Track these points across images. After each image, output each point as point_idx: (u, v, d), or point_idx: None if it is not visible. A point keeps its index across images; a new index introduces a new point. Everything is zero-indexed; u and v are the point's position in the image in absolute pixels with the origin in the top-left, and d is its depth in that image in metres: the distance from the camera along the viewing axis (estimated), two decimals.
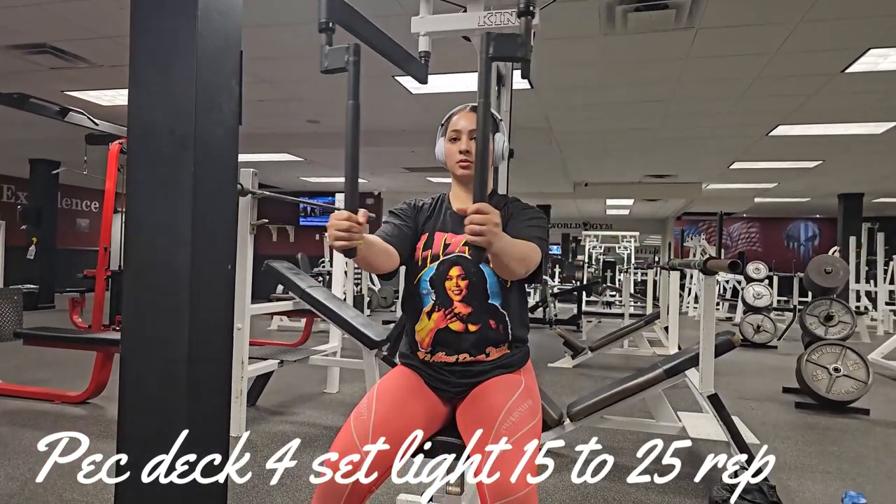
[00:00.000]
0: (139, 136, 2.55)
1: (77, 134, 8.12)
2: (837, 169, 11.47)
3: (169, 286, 2.52)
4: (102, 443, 3.91)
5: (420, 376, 2.01)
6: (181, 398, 2.51)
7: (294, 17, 5.15)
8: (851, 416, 5.24)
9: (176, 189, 2.51)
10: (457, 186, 2.11)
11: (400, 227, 2.02)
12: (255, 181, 4.19)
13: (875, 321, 12.24)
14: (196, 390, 2.56)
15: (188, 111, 2.49)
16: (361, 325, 4.62)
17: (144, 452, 2.54)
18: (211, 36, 2.54)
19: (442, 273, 1.96)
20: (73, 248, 15.58)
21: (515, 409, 1.82)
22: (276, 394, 5.33)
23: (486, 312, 1.95)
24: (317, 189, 16.97)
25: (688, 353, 3.77)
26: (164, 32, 2.52)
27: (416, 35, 2.32)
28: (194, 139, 2.50)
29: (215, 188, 2.62)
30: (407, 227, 2.03)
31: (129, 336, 2.56)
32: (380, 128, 9.48)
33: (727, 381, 6.53)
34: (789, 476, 3.73)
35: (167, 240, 2.52)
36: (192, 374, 2.54)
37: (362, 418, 1.84)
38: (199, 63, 2.50)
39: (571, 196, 15.44)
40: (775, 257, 19.93)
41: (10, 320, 5.23)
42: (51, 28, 5.57)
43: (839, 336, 5.79)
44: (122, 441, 2.57)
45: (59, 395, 4.86)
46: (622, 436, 4.39)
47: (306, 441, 4.09)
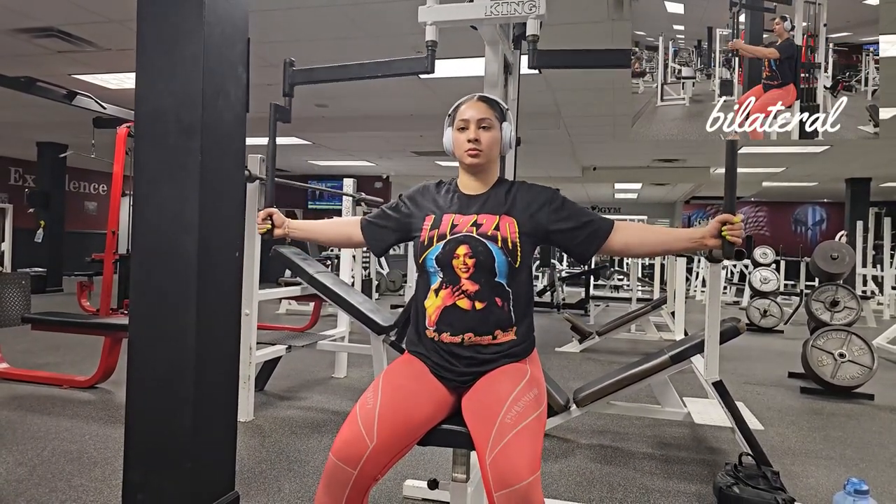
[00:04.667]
0: (146, 123, 2.56)
1: (85, 117, 8.14)
2: (845, 154, 11.42)
3: (177, 274, 2.53)
4: (111, 428, 3.94)
5: (426, 365, 2.02)
6: (189, 384, 2.53)
7: (302, 2, 5.15)
8: (856, 402, 5.25)
9: (183, 176, 2.52)
10: (465, 174, 2.12)
11: (383, 215, 2.22)
12: (263, 167, 4.20)
13: (881, 305, 12.24)
14: (203, 377, 2.58)
15: (195, 98, 2.50)
16: (369, 311, 4.63)
17: (152, 438, 2.58)
18: (217, 23, 2.54)
19: (449, 251, 1.97)
20: (81, 231, 15.64)
21: (521, 399, 1.84)
22: (284, 379, 5.37)
23: (492, 290, 1.96)
24: (325, 172, 17.00)
25: (693, 339, 3.78)
26: (170, 20, 2.53)
27: (423, 24, 2.32)
28: (201, 126, 2.51)
29: (223, 175, 2.64)
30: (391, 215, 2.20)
31: (137, 324, 2.59)
32: (388, 113, 9.48)
33: (733, 366, 6.54)
34: (793, 461, 3.75)
35: (175, 227, 2.54)
36: (200, 360, 2.56)
37: (368, 407, 1.85)
38: (205, 50, 2.50)
39: (580, 180, 15.42)
40: (783, 241, 19.88)
41: (19, 305, 5.25)
42: (58, 12, 5.57)
43: (845, 322, 5.79)
44: (130, 428, 2.59)
45: (67, 380, 4.89)
46: (628, 421, 4.41)
47: (314, 426, 4.12)
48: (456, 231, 1.98)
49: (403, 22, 5.47)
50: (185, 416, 2.54)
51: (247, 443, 3.73)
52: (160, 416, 2.57)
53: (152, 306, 2.58)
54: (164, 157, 2.54)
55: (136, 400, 2.60)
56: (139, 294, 2.61)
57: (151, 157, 2.56)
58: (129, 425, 2.60)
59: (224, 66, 2.60)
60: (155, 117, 2.54)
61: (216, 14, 2.54)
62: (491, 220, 1.99)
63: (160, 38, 2.55)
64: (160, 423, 2.57)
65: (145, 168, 2.57)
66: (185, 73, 2.51)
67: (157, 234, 2.57)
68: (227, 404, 2.79)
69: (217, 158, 2.59)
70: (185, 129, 2.51)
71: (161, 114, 2.53)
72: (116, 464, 3.31)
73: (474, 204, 2.05)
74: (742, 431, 3.33)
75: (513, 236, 1.96)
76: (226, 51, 2.60)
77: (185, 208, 2.53)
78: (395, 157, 13.62)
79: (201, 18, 2.48)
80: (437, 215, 2.06)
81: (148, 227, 2.58)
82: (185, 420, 2.54)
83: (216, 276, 2.64)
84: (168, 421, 2.56)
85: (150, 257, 2.59)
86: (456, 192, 2.11)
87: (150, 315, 2.58)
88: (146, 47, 2.56)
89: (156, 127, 2.54)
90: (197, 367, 2.55)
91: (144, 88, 2.56)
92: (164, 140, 2.54)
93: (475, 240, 1.95)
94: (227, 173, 2.68)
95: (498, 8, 2.21)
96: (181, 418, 2.55)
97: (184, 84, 2.51)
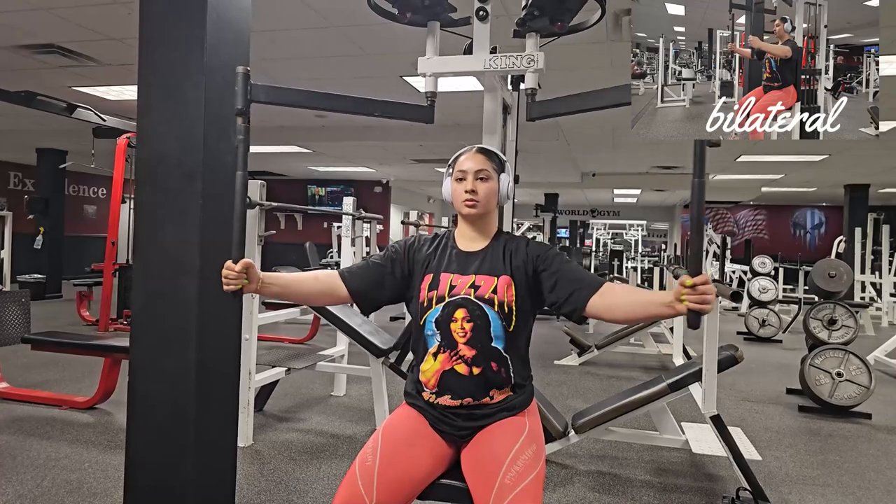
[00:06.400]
0: (148, 166, 2.58)
1: (85, 125, 8.14)
2: (843, 162, 11.45)
3: (178, 316, 2.55)
4: (111, 455, 3.94)
5: (425, 418, 2.04)
6: (189, 422, 2.55)
7: (301, 24, 5.20)
8: (853, 421, 5.27)
9: (185, 220, 2.54)
10: (463, 225, 2.12)
11: (374, 266, 2.12)
12: (263, 192, 4.22)
13: (880, 311, 12.28)
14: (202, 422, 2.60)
15: (197, 142, 2.52)
16: (368, 333, 4.64)
17: (153, 469, 2.59)
18: (220, 67, 2.56)
19: (447, 315, 1.97)
20: (81, 236, 15.65)
21: (520, 457, 1.85)
22: (283, 398, 5.37)
23: (488, 355, 1.96)
24: (323, 177, 17.01)
25: (692, 366, 3.79)
26: (172, 64, 2.54)
27: (423, 75, 2.33)
28: (203, 169, 2.52)
29: (224, 218, 2.65)
30: (383, 267, 2.11)
31: (138, 362, 2.61)
32: (387, 123, 9.49)
33: (731, 381, 6.55)
34: (790, 490, 3.76)
35: (176, 270, 2.56)
36: (201, 397, 2.58)
37: (367, 465, 1.87)
38: (207, 95, 2.52)
39: (579, 186, 15.45)
40: (782, 244, 19.92)
41: (18, 323, 5.25)
42: (58, 30, 5.60)
43: (842, 340, 5.81)
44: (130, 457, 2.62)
45: (66, 401, 4.90)
46: (627, 446, 4.42)
47: (313, 451, 4.13)
48: (454, 293, 1.98)
49: (404, 42, 5.49)
50: (185, 454, 2.56)
51: (245, 470, 3.74)
52: (160, 454, 2.59)
53: (153, 349, 2.60)
54: (166, 200, 2.56)
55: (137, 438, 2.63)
56: (140, 332, 2.63)
57: (153, 201, 2.58)
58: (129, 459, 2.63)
59: (226, 109, 2.60)
60: (157, 161, 2.56)
61: (218, 57, 2.56)
62: (489, 282, 1.98)
63: (162, 83, 2.56)
64: (160, 460, 2.59)
65: (147, 211, 2.59)
66: (187, 117, 2.53)
67: (159, 277, 2.59)
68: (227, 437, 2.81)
69: (219, 201, 2.60)
70: (187, 173, 2.53)
71: (163, 157, 2.55)
72: (116, 495, 3.32)
73: (472, 262, 2.04)
74: (739, 465, 3.35)
75: (509, 300, 1.96)
76: (228, 94, 2.61)
77: (187, 251, 2.55)
78: (394, 164, 13.64)
79: (202, 62, 2.50)
80: (435, 273, 2.05)
81: (149, 269, 2.60)
82: (185, 457, 2.56)
83: (217, 317, 2.66)
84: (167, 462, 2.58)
85: (151, 299, 2.61)
86: (454, 249, 2.09)
87: (150, 357, 2.60)
88: (148, 91, 2.58)
89: (158, 170, 2.56)
90: (198, 406, 2.57)
91: (146, 132, 2.58)
92: (165, 183, 2.55)
93: (473, 303, 1.95)
94: (229, 216, 2.68)
95: (496, 62, 2.23)
96: (180, 457, 2.57)
97: (186, 128, 2.53)
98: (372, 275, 2.10)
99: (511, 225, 2.94)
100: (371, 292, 2.10)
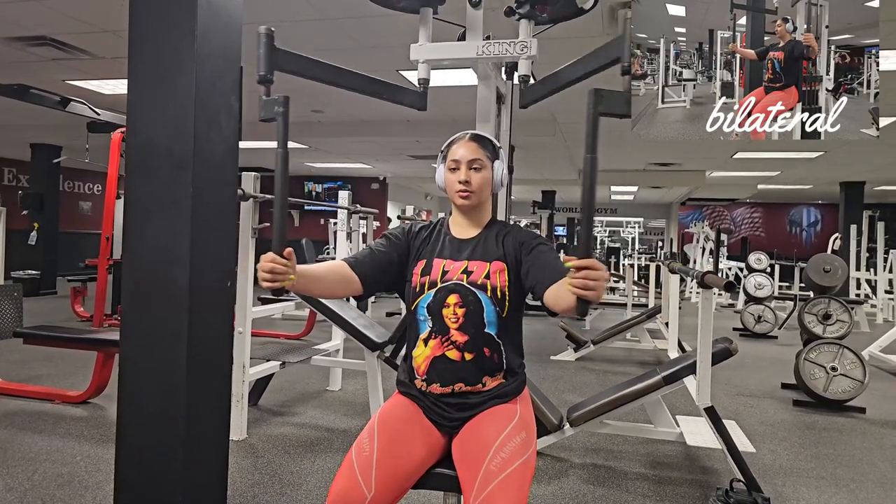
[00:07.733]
0: (138, 156, 2.55)
1: (79, 120, 8.11)
2: (839, 159, 11.45)
3: (168, 307, 2.53)
4: (102, 448, 3.92)
5: (419, 406, 2.02)
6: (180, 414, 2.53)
7: (296, 16, 5.17)
8: (848, 415, 5.27)
9: (175, 210, 2.52)
10: (457, 214, 2.11)
11: (379, 252, 2.07)
12: (258, 185, 4.19)
13: (875, 308, 12.31)
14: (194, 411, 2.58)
15: (187, 131, 2.49)
16: (363, 327, 4.63)
17: (144, 461, 2.58)
18: (210, 56, 2.53)
19: (439, 300, 1.96)
20: (75, 231, 15.59)
21: (507, 444, 1.83)
22: (278, 392, 5.36)
23: (481, 341, 1.95)
24: (321, 174, 16.99)
25: (687, 359, 3.78)
26: (162, 53, 2.52)
27: (416, 62, 2.31)
28: (193, 159, 2.50)
29: (215, 208, 2.63)
30: (388, 253, 2.07)
31: (128, 355, 2.59)
32: (385, 118, 9.49)
33: (727, 376, 6.55)
34: (784, 482, 3.76)
35: (166, 260, 2.53)
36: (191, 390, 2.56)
37: (364, 454, 1.85)
38: (197, 83, 2.49)
39: (576, 183, 15.41)
40: (778, 242, 19.95)
41: (11, 318, 5.22)
42: (51, 22, 5.56)
43: (837, 335, 5.80)
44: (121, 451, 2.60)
45: (59, 395, 4.87)
46: (621, 438, 4.41)
47: (308, 445, 4.11)
48: (447, 278, 1.97)
49: (398, 35, 5.46)
50: (175, 448, 2.55)
51: (239, 464, 3.72)
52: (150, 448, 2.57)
53: (143, 339, 2.58)
54: (156, 190, 2.53)
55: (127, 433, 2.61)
56: (130, 325, 2.61)
57: (143, 191, 2.56)
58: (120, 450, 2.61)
59: (216, 98, 2.59)
60: (147, 151, 2.54)
61: (209, 46, 2.54)
62: (482, 268, 1.97)
63: (152, 72, 2.54)
64: (150, 455, 2.57)
65: (137, 201, 2.57)
66: (177, 106, 2.50)
67: (149, 268, 2.56)
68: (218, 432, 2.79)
69: (209, 191, 2.58)
70: (177, 162, 2.50)
71: (153, 147, 2.53)
72: (107, 488, 3.30)
73: (465, 249, 2.03)
74: (733, 457, 3.34)
75: (502, 285, 1.95)
76: (218, 82, 2.59)
77: (177, 242, 2.53)
78: (391, 160, 13.61)
79: (193, 51, 2.48)
80: (428, 259, 2.04)
81: (139, 261, 2.58)
82: (175, 451, 2.54)
83: (208, 308, 2.64)
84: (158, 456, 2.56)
85: (141, 290, 2.58)
86: (447, 236, 2.09)
87: (140, 348, 2.58)
88: (138, 81, 2.55)
89: (148, 160, 2.54)
90: (189, 400, 2.55)
91: (136, 122, 2.55)
92: (155, 173, 2.53)
93: (465, 288, 1.94)
94: (219, 206, 2.67)
95: (489, 48, 2.21)
96: (171, 450, 2.55)
97: (176, 117, 2.50)
98: (377, 260, 2.06)
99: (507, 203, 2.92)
100: (378, 277, 2.06)
